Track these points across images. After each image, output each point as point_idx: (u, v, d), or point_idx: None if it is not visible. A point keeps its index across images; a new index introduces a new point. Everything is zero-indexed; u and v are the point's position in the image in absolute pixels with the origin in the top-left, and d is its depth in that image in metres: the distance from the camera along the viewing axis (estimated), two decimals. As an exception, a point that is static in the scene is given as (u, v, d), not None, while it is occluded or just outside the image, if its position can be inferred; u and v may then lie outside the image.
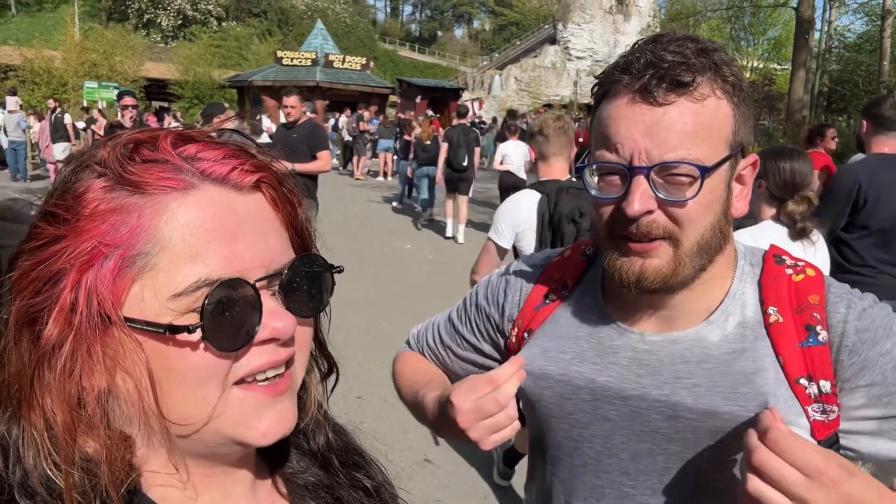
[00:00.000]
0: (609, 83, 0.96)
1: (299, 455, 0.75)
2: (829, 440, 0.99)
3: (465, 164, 10.22)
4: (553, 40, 42.57)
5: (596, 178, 0.98)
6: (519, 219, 3.08)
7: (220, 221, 0.58)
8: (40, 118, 17.11)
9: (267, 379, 0.61)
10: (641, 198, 0.91)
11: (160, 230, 0.57)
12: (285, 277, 0.62)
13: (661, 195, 0.92)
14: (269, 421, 0.62)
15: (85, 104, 21.10)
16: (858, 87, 22.97)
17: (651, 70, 0.90)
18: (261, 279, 0.59)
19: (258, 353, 0.60)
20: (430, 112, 23.24)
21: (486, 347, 1.28)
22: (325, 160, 6.77)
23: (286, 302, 0.62)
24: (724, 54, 0.95)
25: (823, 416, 0.97)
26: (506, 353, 1.25)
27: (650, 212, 0.92)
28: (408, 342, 1.47)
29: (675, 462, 1.03)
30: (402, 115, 20.45)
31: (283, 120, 7.37)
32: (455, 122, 10.42)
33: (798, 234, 2.70)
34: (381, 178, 18.56)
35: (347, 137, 20.15)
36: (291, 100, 6.67)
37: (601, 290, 1.13)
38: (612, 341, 1.07)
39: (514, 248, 3.15)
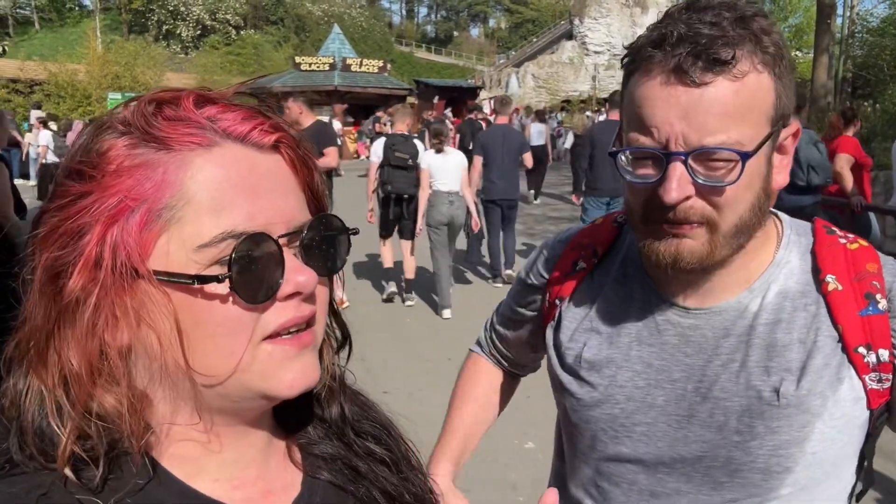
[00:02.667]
0: (641, 59, 0.91)
1: (315, 423, 0.76)
2: (880, 409, 0.98)
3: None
4: (570, 36, 42.34)
5: (630, 162, 0.94)
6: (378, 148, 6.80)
7: (243, 177, 0.60)
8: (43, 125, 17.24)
9: (290, 333, 0.62)
10: (679, 184, 0.87)
11: (185, 184, 0.58)
12: (306, 235, 0.63)
13: (699, 181, 0.88)
14: (295, 372, 0.62)
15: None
16: (884, 72, 22.53)
17: (686, 46, 0.85)
18: (283, 235, 0.61)
19: (283, 308, 0.61)
20: (448, 112, 23.25)
21: (534, 317, 1.28)
22: (332, 156, 6.87)
23: (306, 259, 0.63)
24: (764, 20, 0.89)
25: (879, 384, 0.96)
26: (542, 321, 1.24)
27: (688, 198, 0.89)
28: (478, 341, 1.48)
29: (707, 449, 1.01)
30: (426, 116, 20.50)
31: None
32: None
33: None
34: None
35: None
36: (288, 102, 6.60)
37: (645, 262, 1.09)
38: (661, 317, 1.05)
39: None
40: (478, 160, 7.45)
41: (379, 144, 7.01)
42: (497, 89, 37.05)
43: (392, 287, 7.10)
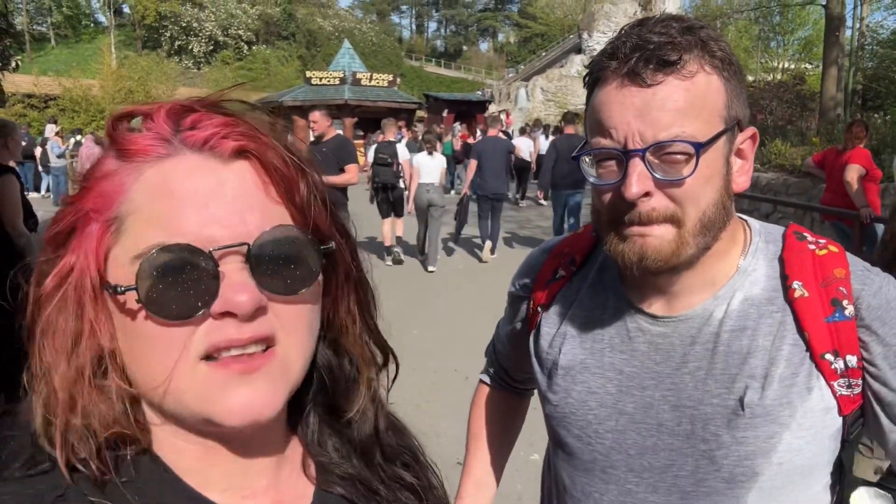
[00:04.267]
0: (598, 70, 0.96)
1: (340, 443, 0.73)
2: (854, 415, 0.99)
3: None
4: (579, 50, 42.43)
5: (594, 166, 0.97)
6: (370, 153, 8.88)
7: (190, 189, 0.57)
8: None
9: (235, 356, 0.58)
10: (639, 180, 0.90)
11: (132, 195, 0.58)
12: (254, 249, 0.58)
13: (657, 175, 0.90)
14: (238, 399, 0.58)
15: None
16: (894, 84, 22.42)
17: (637, 52, 0.90)
18: (222, 248, 0.56)
19: (219, 327, 0.57)
20: (457, 125, 23.34)
21: (518, 325, 1.30)
22: (353, 173, 6.96)
23: (256, 277, 0.58)
24: (712, 31, 0.95)
25: (849, 390, 0.96)
26: (527, 327, 1.26)
27: (648, 194, 0.91)
28: (485, 367, 1.51)
29: (675, 458, 1.01)
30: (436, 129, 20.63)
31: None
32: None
33: None
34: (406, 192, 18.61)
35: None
36: (315, 115, 6.93)
37: (618, 268, 1.12)
38: (633, 324, 1.07)
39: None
40: (473, 163, 9.62)
41: (371, 149, 9.86)
42: (506, 103, 37.19)
43: (394, 254, 9.54)
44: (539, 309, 1.20)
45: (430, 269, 9.23)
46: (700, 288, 1.02)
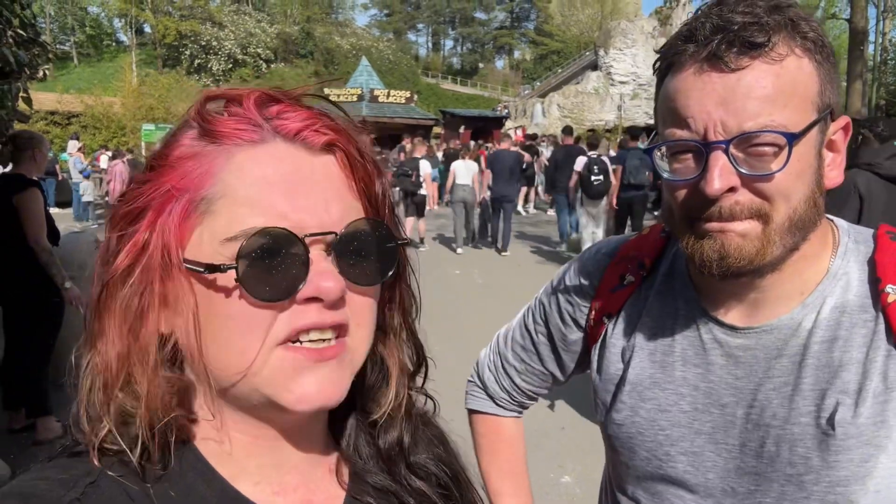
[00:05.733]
0: (673, 55, 0.86)
1: (369, 449, 0.72)
2: None
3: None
4: (595, 66, 42.55)
5: (667, 159, 0.87)
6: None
7: (283, 176, 0.59)
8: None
9: (311, 342, 0.59)
10: (721, 174, 0.80)
11: (225, 177, 0.58)
12: (340, 239, 0.60)
13: (743, 170, 0.81)
14: (308, 386, 0.59)
15: (143, 146, 21.97)
16: (918, 99, 22.19)
17: (719, 34, 0.81)
18: (312, 235, 0.58)
19: (302, 311, 0.58)
20: (473, 143, 23.41)
21: (573, 335, 1.19)
22: None
23: (340, 265, 0.60)
24: (801, 9, 0.85)
25: None
26: (587, 341, 1.16)
27: (732, 189, 0.82)
28: (478, 378, 1.36)
29: (759, 483, 0.92)
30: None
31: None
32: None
33: None
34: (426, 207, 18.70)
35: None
36: None
37: (688, 273, 1.02)
38: (707, 335, 0.97)
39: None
40: (487, 172, 11.83)
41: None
42: (522, 119, 37.26)
43: (424, 246, 11.86)
44: (605, 319, 1.10)
45: (459, 251, 11.65)
46: (787, 295, 0.92)
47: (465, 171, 11.61)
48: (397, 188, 11.04)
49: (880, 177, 3.26)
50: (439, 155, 18.26)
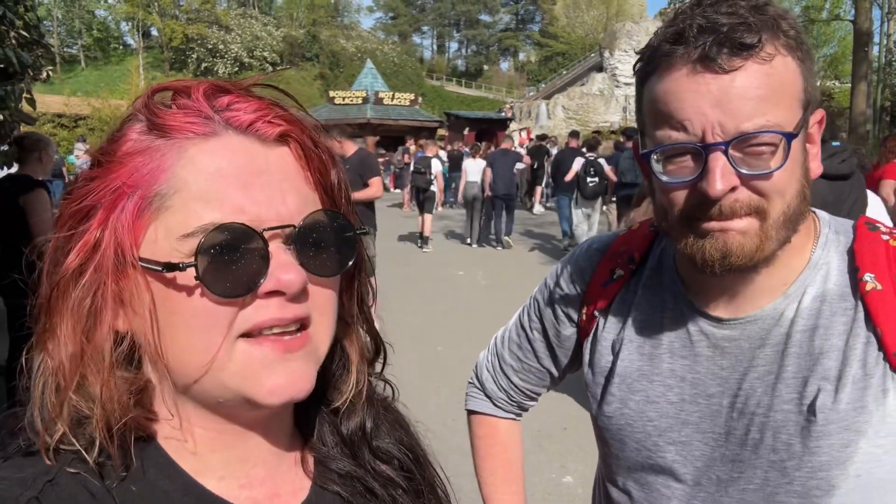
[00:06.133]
0: (659, 56, 0.86)
1: (332, 437, 0.72)
2: None
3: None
4: (600, 68, 42.53)
5: (662, 162, 0.88)
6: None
7: (237, 169, 0.58)
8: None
9: (275, 335, 0.59)
10: (723, 175, 0.82)
11: (178, 172, 0.57)
12: (299, 231, 0.59)
13: (742, 170, 0.83)
14: (278, 379, 0.58)
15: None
16: (924, 100, 22.11)
17: (708, 36, 0.81)
18: (271, 228, 0.58)
19: (264, 306, 0.58)
20: (477, 144, 23.47)
21: (567, 331, 1.20)
22: (377, 186, 6.97)
23: (300, 258, 0.59)
24: (777, 7, 0.87)
25: None
26: (579, 336, 1.17)
27: (732, 189, 0.84)
28: (477, 380, 1.37)
29: (742, 469, 0.94)
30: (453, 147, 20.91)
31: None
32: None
33: None
34: (430, 209, 18.71)
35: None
36: (333, 144, 6.98)
37: (675, 267, 1.04)
38: (694, 327, 0.99)
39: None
40: (489, 170, 12.37)
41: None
42: (527, 121, 37.26)
43: (428, 247, 12.35)
44: (596, 313, 1.11)
45: (474, 245, 12.60)
46: (772, 286, 0.94)
47: (475, 169, 12.52)
48: (412, 184, 12.51)
49: (824, 177, 3.44)
50: (443, 155, 18.32)
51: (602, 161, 10.60)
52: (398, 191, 19.74)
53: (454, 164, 17.19)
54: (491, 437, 1.35)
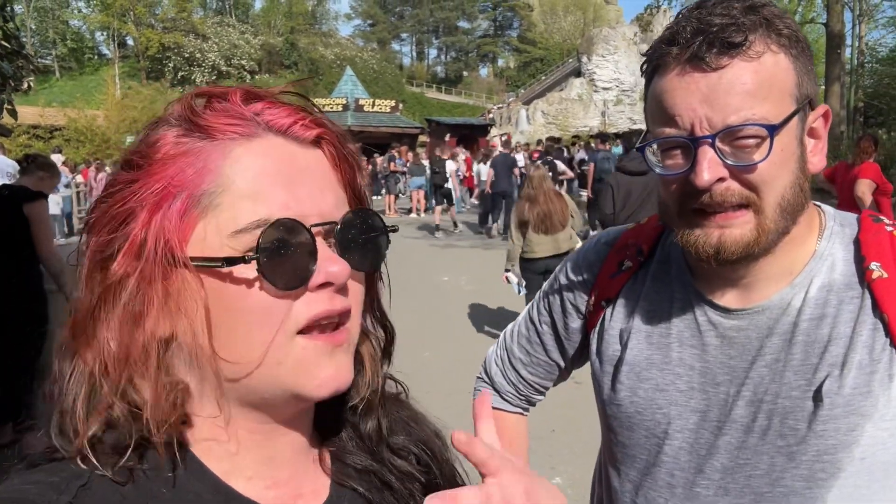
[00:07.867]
0: (658, 57, 0.92)
1: (351, 434, 0.74)
2: None
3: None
4: (578, 73, 42.83)
5: (658, 156, 0.94)
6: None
7: (280, 168, 0.61)
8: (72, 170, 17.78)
9: (324, 330, 0.61)
10: (710, 166, 0.87)
11: (224, 172, 0.59)
12: (340, 227, 0.63)
13: (730, 162, 0.87)
14: (328, 371, 0.61)
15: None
16: (895, 100, 22.54)
17: (699, 36, 0.87)
18: (316, 224, 0.60)
19: (315, 299, 0.60)
20: (458, 148, 23.54)
21: (574, 323, 1.22)
22: None
23: (340, 252, 0.63)
24: (775, 8, 0.91)
25: None
26: (585, 326, 1.19)
27: (721, 180, 0.88)
28: (486, 374, 1.40)
29: (749, 456, 0.96)
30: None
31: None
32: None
33: None
34: (413, 215, 18.70)
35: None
36: None
37: (683, 258, 1.07)
38: (702, 317, 1.02)
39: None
40: (490, 171, 14.29)
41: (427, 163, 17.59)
42: (508, 126, 37.43)
43: (440, 234, 14.60)
44: (603, 304, 1.15)
45: (489, 229, 14.47)
46: (777, 277, 0.98)
47: (483, 171, 15.07)
48: (431, 181, 15.73)
49: (627, 173, 5.43)
50: (425, 163, 18.33)
51: (557, 162, 13.88)
52: (378, 197, 19.70)
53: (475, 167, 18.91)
54: (498, 430, 1.36)
